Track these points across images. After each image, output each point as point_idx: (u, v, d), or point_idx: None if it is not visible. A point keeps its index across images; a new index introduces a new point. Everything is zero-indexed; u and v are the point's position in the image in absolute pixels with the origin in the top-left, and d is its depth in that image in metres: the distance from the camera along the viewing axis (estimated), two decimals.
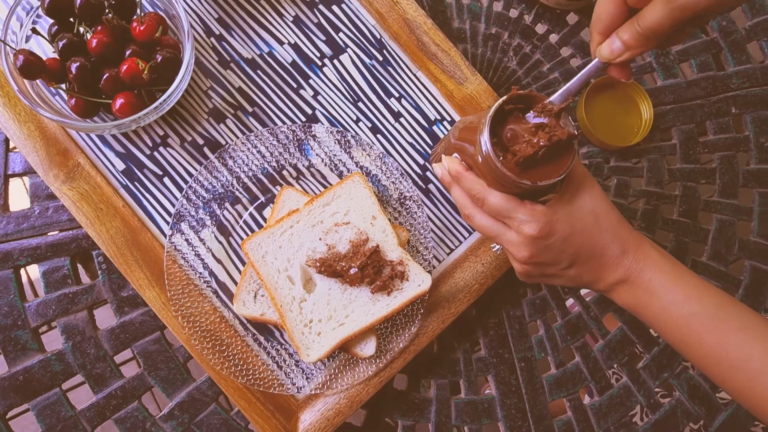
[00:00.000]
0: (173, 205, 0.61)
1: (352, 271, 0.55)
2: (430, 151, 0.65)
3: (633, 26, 0.41)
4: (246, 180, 0.61)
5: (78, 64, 0.53)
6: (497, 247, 0.59)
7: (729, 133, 0.75)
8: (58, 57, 0.55)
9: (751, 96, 0.76)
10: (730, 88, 0.76)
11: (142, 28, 0.55)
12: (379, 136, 0.65)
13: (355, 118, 0.65)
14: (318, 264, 0.55)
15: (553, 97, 0.45)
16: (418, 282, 0.56)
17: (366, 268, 0.55)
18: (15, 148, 0.62)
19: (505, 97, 0.47)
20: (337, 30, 0.66)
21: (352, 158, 0.62)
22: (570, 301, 0.69)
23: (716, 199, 0.74)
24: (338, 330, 0.55)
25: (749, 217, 0.73)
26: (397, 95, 0.65)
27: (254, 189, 0.61)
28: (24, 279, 0.63)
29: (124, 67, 0.54)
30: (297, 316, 0.55)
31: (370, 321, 0.55)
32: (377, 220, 0.57)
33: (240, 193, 0.61)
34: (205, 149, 0.62)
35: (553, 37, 0.75)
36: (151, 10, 0.60)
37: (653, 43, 0.40)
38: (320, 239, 0.56)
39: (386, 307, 0.55)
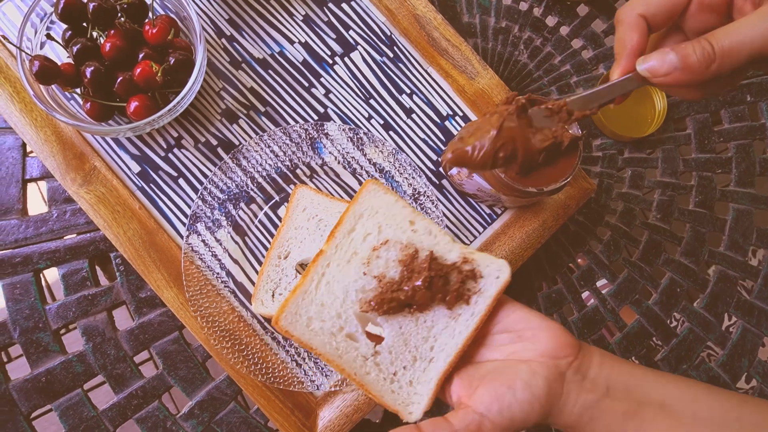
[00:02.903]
0: (189, 206, 0.61)
1: (419, 295, 0.44)
2: (444, 147, 0.65)
3: (701, 43, 0.34)
4: (260, 180, 0.61)
5: (92, 68, 0.54)
6: None
7: (744, 121, 0.74)
8: (72, 62, 0.56)
9: (767, 83, 0.75)
10: (745, 76, 0.75)
11: (154, 31, 0.55)
12: (391, 132, 0.65)
13: (367, 115, 0.65)
14: (375, 305, 0.44)
15: (571, 99, 0.43)
16: (494, 273, 0.45)
17: (433, 284, 0.44)
18: (32, 152, 0.63)
19: (504, 100, 0.47)
20: (348, 28, 0.66)
21: (365, 155, 0.62)
22: (586, 294, 0.69)
23: (733, 189, 0.73)
24: (430, 369, 0.44)
25: (767, 206, 0.73)
26: (408, 91, 0.65)
27: (268, 188, 0.62)
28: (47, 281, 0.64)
29: (138, 70, 0.54)
30: (377, 376, 0.44)
31: (461, 342, 0.44)
32: (417, 223, 0.46)
33: (254, 192, 0.61)
34: (219, 150, 0.62)
35: (564, 30, 0.75)
36: (162, 13, 0.61)
37: (717, 70, 0.34)
38: (364, 274, 0.45)
39: (472, 317, 0.44)
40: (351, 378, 0.44)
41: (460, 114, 0.66)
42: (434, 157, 0.65)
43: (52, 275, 0.63)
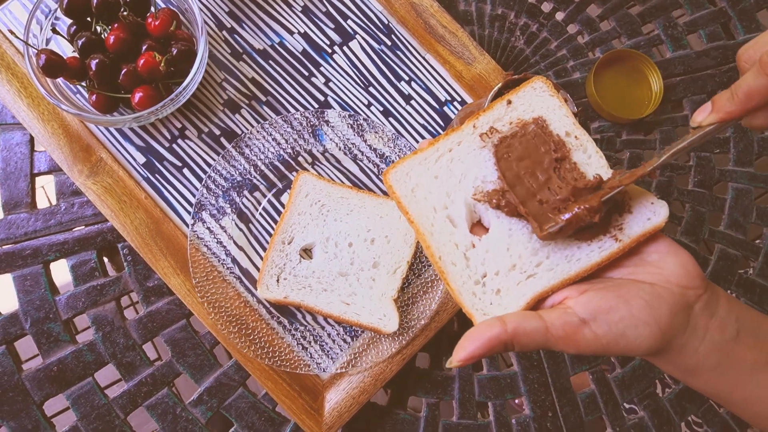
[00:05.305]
0: (194, 195, 0.62)
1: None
2: (442, 132, 0.66)
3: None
4: (263, 167, 0.62)
5: (97, 60, 0.55)
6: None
7: None
8: (77, 55, 0.57)
9: None
10: None
11: (157, 23, 0.57)
12: (390, 119, 0.66)
13: (366, 102, 0.66)
14: (494, 199, 0.40)
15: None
16: (647, 214, 0.38)
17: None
18: (41, 148, 0.64)
19: (501, 83, 0.49)
20: (345, 17, 0.67)
21: (365, 141, 0.63)
22: None
23: (731, 168, 0.73)
24: (527, 284, 0.38)
25: (766, 185, 0.73)
26: (407, 78, 0.66)
27: (271, 176, 0.63)
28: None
29: (142, 61, 0.55)
30: (463, 271, 0.39)
31: (575, 271, 0.37)
32: (571, 136, 0.41)
33: (258, 180, 0.62)
34: (222, 139, 0.64)
35: (560, 15, 0.76)
36: (164, 5, 0.62)
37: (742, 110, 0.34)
38: (493, 163, 0.40)
39: (600, 250, 0.38)
40: (433, 260, 0.39)
41: (458, 99, 0.67)
42: None
43: (61, 269, 0.64)
